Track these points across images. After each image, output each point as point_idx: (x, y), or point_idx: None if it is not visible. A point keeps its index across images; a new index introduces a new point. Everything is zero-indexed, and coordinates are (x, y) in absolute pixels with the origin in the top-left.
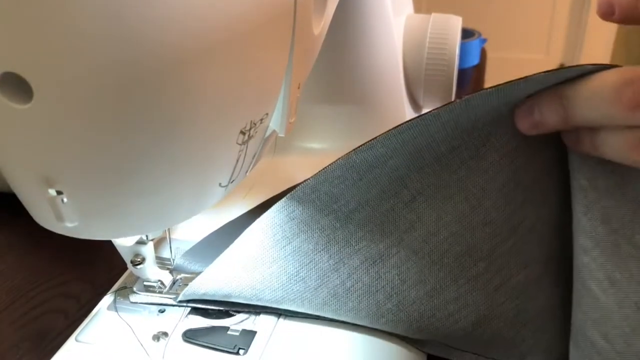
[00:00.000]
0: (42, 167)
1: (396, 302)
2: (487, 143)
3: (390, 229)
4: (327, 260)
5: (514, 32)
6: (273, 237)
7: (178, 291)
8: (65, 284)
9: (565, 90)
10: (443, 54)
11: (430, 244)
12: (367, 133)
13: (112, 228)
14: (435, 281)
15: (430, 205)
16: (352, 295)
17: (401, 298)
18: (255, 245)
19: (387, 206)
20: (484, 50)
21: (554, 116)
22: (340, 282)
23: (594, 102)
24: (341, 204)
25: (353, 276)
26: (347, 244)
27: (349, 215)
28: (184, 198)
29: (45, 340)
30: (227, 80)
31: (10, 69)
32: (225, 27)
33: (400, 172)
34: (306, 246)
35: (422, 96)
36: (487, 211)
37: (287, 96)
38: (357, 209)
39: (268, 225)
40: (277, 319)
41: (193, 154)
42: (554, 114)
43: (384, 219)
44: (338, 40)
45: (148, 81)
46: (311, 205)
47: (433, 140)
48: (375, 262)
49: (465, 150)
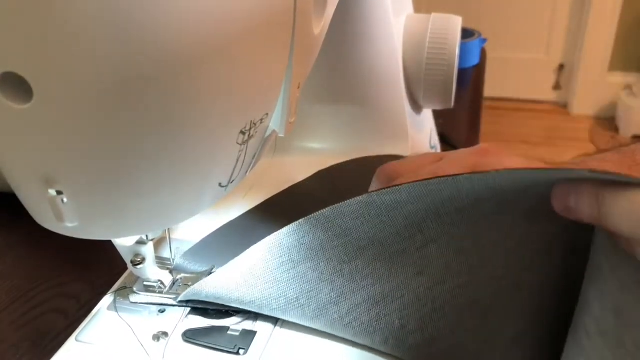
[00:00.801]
0: (42, 167)
1: (392, 344)
2: (511, 202)
3: (398, 271)
4: (329, 293)
5: (514, 32)
6: (279, 258)
7: (178, 291)
8: (65, 284)
9: (605, 192)
10: (443, 54)
11: (435, 292)
12: (367, 133)
13: (112, 228)
14: (434, 329)
15: (442, 253)
16: (348, 331)
17: (398, 342)
18: (260, 263)
19: (399, 248)
20: (484, 50)
21: (588, 210)
22: (338, 317)
23: (632, 219)
24: (353, 238)
25: (353, 313)
26: (352, 280)
27: (358, 251)
28: (184, 198)
29: (45, 340)
30: (227, 80)
31: (11, 68)
32: (225, 28)
33: (418, 217)
34: (310, 274)
35: (422, 96)
36: (495, 268)
37: (287, 96)
38: (368, 246)
39: (276, 246)
40: (277, 319)
41: (193, 154)
42: (589, 209)
43: (393, 260)
44: (338, 40)
45: (148, 82)
46: (323, 234)
47: (459, 193)
48: (377, 302)
49: (488, 204)
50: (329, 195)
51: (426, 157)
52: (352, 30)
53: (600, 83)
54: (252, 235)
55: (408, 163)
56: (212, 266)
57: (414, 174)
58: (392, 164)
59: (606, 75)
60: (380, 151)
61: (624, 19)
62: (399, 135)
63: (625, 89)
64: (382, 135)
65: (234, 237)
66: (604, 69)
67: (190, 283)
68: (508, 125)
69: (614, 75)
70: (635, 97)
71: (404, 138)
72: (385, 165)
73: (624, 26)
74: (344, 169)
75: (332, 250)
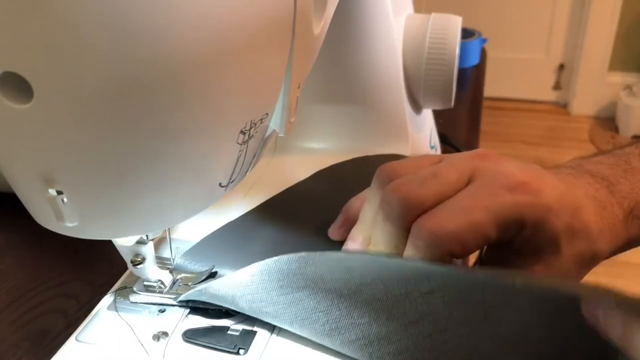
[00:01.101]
0: (42, 167)
1: None
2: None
3: (398, 314)
4: (323, 325)
5: (514, 32)
6: (278, 282)
7: (178, 291)
8: (65, 284)
9: (633, 322)
10: (443, 54)
11: (433, 340)
12: (367, 133)
13: (112, 228)
14: None
15: (445, 302)
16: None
17: None
18: (258, 282)
19: (403, 291)
20: (484, 50)
21: (616, 332)
22: (331, 347)
23: None
24: (356, 274)
25: (344, 348)
26: (349, 315)
27: (360, 287)
28: (184, 198)
29: (45, 340)
30: (227, 80)
31: (11, 68)
32: (225, 30)
33: (427, 268)
34: (307, 302)
35: (422, 96)
36: (499, 323)
37: (287, 96)
38: (370, 284)
39: (274, 270)
40: None
41: (193, 154)
42: (616, 330)
43: (395, 302)
44: (338, 40)
45: (148, 82)
46: (325, 266)
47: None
48: (371, 342)
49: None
50: (329, 195)
51: (425, 159)
52: (352, 30)
53: (600, 83)
54: (253, 236)
55: (407, 164)
56: (212, 266)
57: (413, 176)
58: (391, 164)
59: (606, 75)
60: (380, 151)
61: (623, 19)
62: (399, 135)
63: (625, 89)
64: (382, 135)
65: (234, 238)
66: (603, 69)
67: (191, 283)
68: (508, 125)
69: (614, 75)
70: (635, 97)
71: (404, 138)
72: (385, 165)
73: (624, 26)
74: (344, 168)
75: (333, 283)
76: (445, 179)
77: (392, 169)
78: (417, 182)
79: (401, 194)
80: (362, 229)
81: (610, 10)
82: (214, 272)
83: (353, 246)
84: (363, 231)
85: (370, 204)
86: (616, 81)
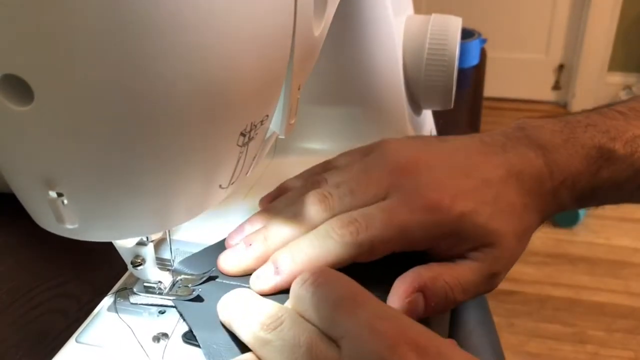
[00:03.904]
0: (42, 169)
1: None
2: None
3: None
4: None
5: (514, 32)
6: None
7: (178, 292)
8: (65, 285)
9: None
10: (443, 54)
11: None
12: (367, 134)
13: (113, 230)
14: None
15: None
16: None
17: None
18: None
19: None
20: (484, 50)
21: None
22: None
23: None
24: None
25: None
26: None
27: None
28: (184, 200)
29: (45, 341)
30: (227, 82)
31: (12, 70)
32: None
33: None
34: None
35: (422, 96)
36: None
37: (287, 98)
38: None
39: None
40: None
41: (193, 156)
42: None
43: None
44: (338, 41)
45: (149, 84)
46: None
47: None
48: None
49: None
50: None
51: (352, 158)
52: (353, 31)
53: (599, 83)
54: None
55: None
56: (210, 268)
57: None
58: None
59: (606, 75)
60: None
61: (623, 19)
62: (399, 136)
63: (624, 89)
64: (382, 135)
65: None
66: (603, 69)
67: (190, 285)
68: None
69: (614, 76)
70: None
71: None
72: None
73: (624, 26)
74: None
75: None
76: (363, 196)
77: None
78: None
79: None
80: (264, 218)
81: (610, 10)
82: (213, 275)
83: (249, 229)
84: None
85: (287, 198)
86: (616, 81)
